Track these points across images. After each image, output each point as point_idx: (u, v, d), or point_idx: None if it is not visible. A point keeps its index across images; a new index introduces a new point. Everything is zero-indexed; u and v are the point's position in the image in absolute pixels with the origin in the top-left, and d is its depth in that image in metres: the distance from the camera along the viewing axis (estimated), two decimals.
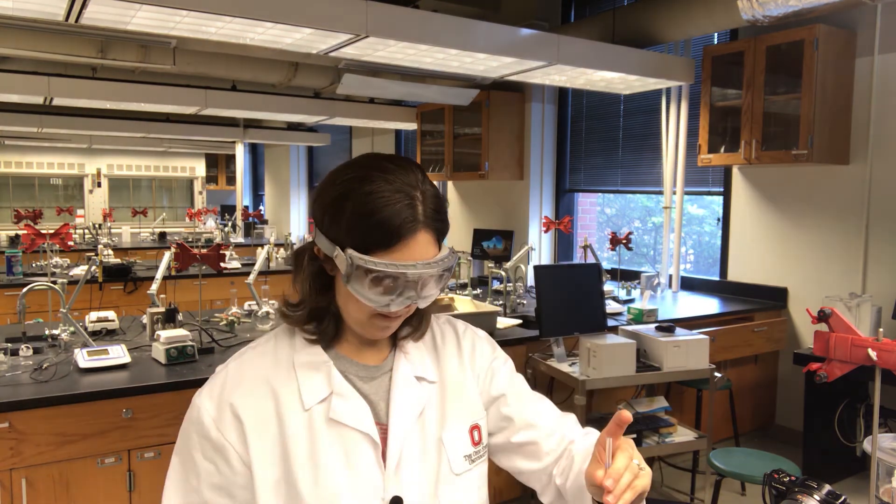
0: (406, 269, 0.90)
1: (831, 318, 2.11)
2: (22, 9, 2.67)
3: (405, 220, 0.90)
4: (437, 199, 0.96)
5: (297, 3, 2.71)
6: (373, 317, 0.96)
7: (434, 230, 0.94)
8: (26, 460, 2.16)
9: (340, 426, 0.96)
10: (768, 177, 4.24)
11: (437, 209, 0.95)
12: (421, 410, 1.02)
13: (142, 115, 7.24)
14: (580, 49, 3.59)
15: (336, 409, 0.96)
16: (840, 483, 3.54)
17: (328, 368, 0.98)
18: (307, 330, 1.00)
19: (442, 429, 1.03)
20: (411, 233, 0.91)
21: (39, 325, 3.29)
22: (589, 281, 3.01)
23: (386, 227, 0.90)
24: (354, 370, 1.01)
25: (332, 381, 0.98)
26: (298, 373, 0.98)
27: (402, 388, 1.02)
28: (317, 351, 1.00)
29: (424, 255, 0.92)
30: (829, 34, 3.60)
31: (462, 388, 1.09)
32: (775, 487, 1.62)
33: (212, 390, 0.97)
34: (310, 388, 0.97)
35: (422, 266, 0.91)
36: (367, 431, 0.96)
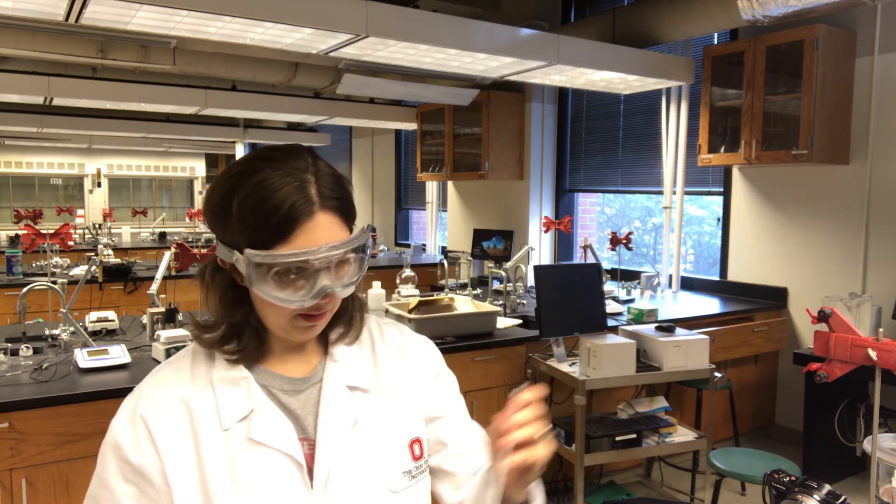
0: (308, 256, 0.82)
1: (831, 318, 2.11)
2: (22, 9, 2.67)
3: (297, 202, 0.83)
4: (335, 178, 0.88)
5: (297, 3, 2.71)
6: (294, 318, 0.88)
7: (335, 210, 0.86)
8: (26, 460, 2.16)
9: (261, 447, 0.87)
10: (768, 177, 4.24)
11: (334, 187, 0.87)
12: (353, 422, 0.93)
13: (142, 115, 7.24)
14: (580, 49, 3.59)
15: (256, 429, 0.88)
16: (840, 483, 3.54)
17: (248, 384, 0.90)
18: (227, 350, 0.91)
19: (378, 442, 0.94)
20: (307, 216, 0.83)
21: (39, 325, 3.29)
22: (589, 281, 3.02)
23: (278, 214, 0.82)
24: (278, 384, 0.93)
25: (252, 398, 0.89)
26: (217, 390, 0.90)
27: (331, 400, 0.93)
28: (233, 365, 0.92)
29: (329, 239, 0.84)
30: (829, 34, 3.60)
31: (402, 398, 0.99)
32: (775, 487, 1.62)
33: (125, 411, 0.90)
34: (228, 406, 0.88)
35: (326, 249, 0.83)
36: (289, 452, 0.88)
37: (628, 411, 3.03)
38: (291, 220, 0.83)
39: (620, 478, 3.59)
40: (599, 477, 3.52)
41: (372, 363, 0.99)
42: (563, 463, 3.34)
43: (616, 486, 3.47)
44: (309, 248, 0.83)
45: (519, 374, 3.17)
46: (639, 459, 3.63)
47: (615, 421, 2.98)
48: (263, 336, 0.93)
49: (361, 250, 0.89)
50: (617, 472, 3.61)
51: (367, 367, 0.98)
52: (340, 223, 0.87)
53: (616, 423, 2.95)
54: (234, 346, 0.91)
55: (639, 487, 3.54)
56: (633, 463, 3.64)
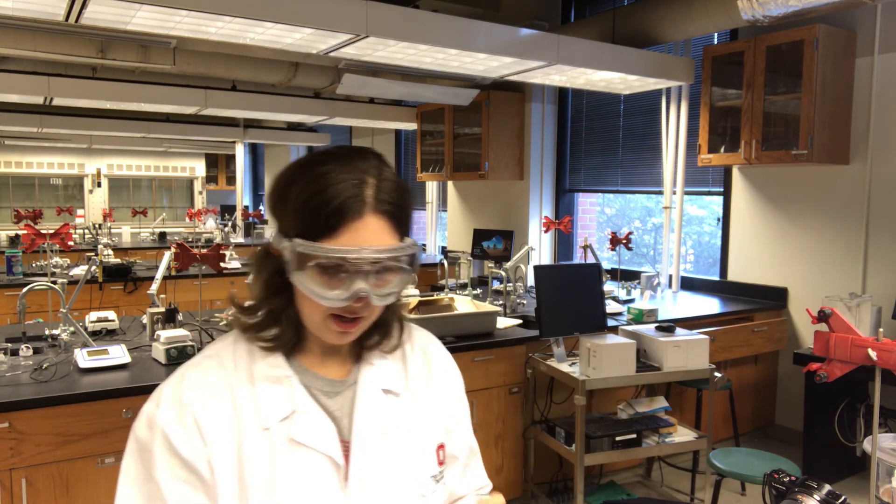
0: (347, 254, 0.82)
1: (831, 318, 2.11)
2: (22, 9, 2.67)
3: (349, 198, 0.83)
4: (396, 185, 0.87)
5: (297, 3, 2.71)
6: (328, 318, 0.87)
7: (388, 216, 0.85)
8: (26, 460, 2.16)
9: (302, 447, 0.87)
10: (768, 177, 4.24)
11: (392, 194, 0.86)
12: (387, 426, 0.94)
13: (142, 115, 7.24)
14: (580, 49, 3.59)
15: (298, 430, 0.87)
16: (840, 483, 3.55)
17: (291, 383, 0.90)
18: (263, 337, 0.90)
19: (409, 446, 0.95)
20: (356, 215, 0.83)
21: (39, 325, 3.29)
22: (589, 281, 3.02)
23: (329, 207, 0.82)
24: (319, 384, 0.92)
25: (295, 398, 0.89)
26: (258, 387, 0.88)
27: (366, 403, 0.93)
28: (278, 362, 0.91)
29: (374, 242, 0.83)
30: (829, 34, 3.60)
31: (429, 405, 1.00)
32: (775, 487, 1.62)
33: (169, 400, 0.87)
34: (270, 405, 0.88)
35: (368, 252, 0.82)
36: (330, 454, 0.88)
37: (628, 411, 3.03)
38: (340, 215, 0.82)
39: (620, 478, 3.59)
40: (599, 477, 3.52)
41: (402, 368, 1.00)
42: (563, 463, 3.34)
43: (616, 486, 3.47)
44: (352, 247, 0.82)
45: (519, 374, 3.17)
46: (639, 459, 3.63)
47: (615, 421, 2.98)
48: (302, 332, 0.93)
49: (407, 263, 0.87)
50: (617, 472, 3.61)
51: (399, 371, 1.00)
52: (391, 230, 0.86)
53: (616, 423, 2.95)
54: (271, 333, 0.90)
55: (639, 487, 3.54)
56: (633, 463, 3.64)
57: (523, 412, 3.21)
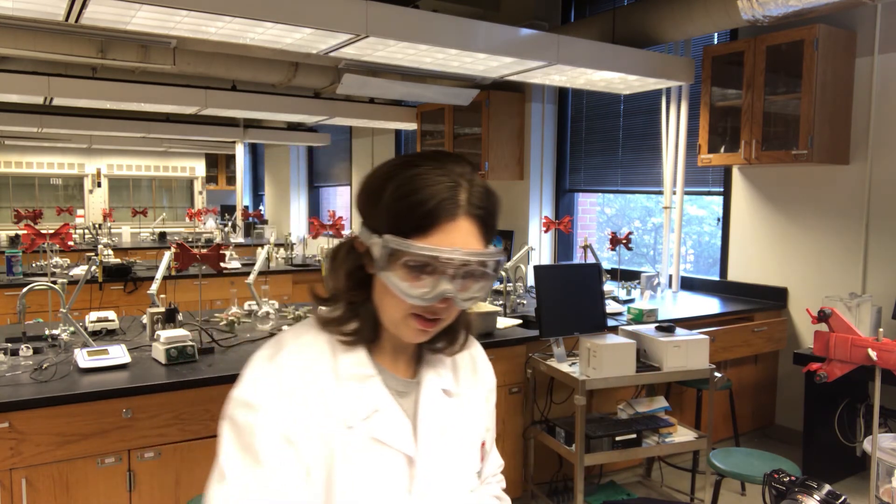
0: (440, 254, 0.83)
1: (831, 318, 2.11)
2: (22, 9, 2.67)
3: (444, 200, 0.84)
4: (488, 193, 0.89)
5: (297, 3, 2.71)
6: (408, 316, 0.89)
7: (479, 221, 0.87)
8: (26, 460, 2.16)
9: (381, 446, 0.90)
10: (768, 177, 4.24)
11: (483, 199, 0.88)
12: (446, 427, 0.98)
13: (142, 115, 7.24)
14: (580, 49, 3.59)
15: (380, 429, 0.90)
16: (840, 483, 3.54)
17: (374, 382, 0.92)
18: (343, 331, 0.92)
19: (462, 445, 1.00)
20: (450, 216, 0.85)
21: (39, 325, 3.29)
22: (589, 281, 3.02)
23: (424, 207, 0.84)
24: (394, 384, 0.95)
25: (378, 398, 0.92)
26: (344, 385, 0.90)
27: (430, 403, 0.97)
28: (362, 360, 0.92)
29: (465, 245, 0.85)
30: (829, 34, 3.60)
31: (475, 403, 1.06)
32: (775, 487, 1.62)
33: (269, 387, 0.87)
34: (355, 403, 0.90)
35: (460, 253, 0.84)
36: (408, 452, 0.92)
37: (628, 411, 3.03)
38: (435, 215, 0.84)
39: (620, 478, 3.59)
40: (599, 477, 3.52)
41: (453, 368, 1.04)
42: (563, 463, 3.34)
43: (616, 486, 3.47)
44: (444, 247, 0.84)
45: (519, 374, 3.17)
46: (639, 459, 3.62)
47: (615, 421, 2.98)
48: (378, 329, 0.94)
49: (493, 270, 0.89)
50: (617, 472, 3.61)
51: (451, 371, 1.03)
52: (479, 235, 0.88)
53: (616, 423, 2.95)
54: (351, 327, 0.92)
55: (639, 487, 3.54)
56: (633, 463, 3.64)
57: (523, 412, 3.21)
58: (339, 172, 9.33)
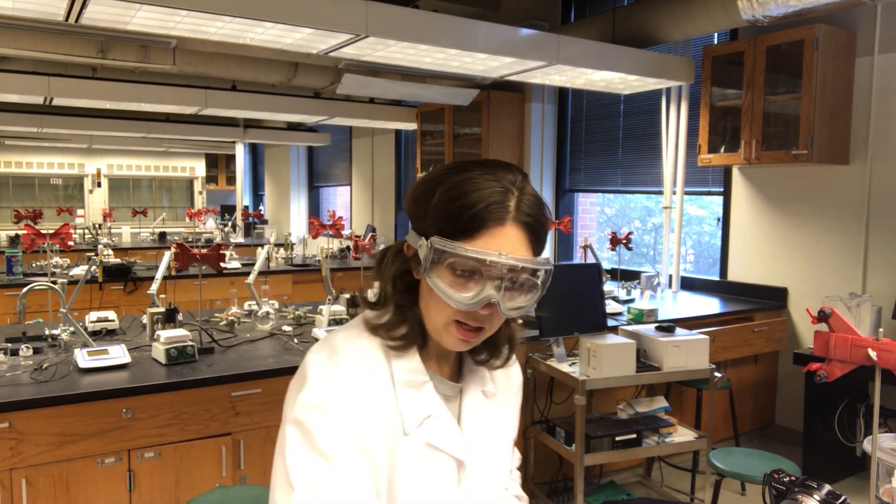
0: (487, 257, 0.82)
1: (831, 318, 2.11)
2: (22, 9, 2.67)
3: (493, 204, 0.84)
4: (537, 200, 0.89)
5: (297, 3, 2.71)
6: (451, 323, 0.88)
7: (527, 229, 0.86)
8: (26, 460, 2.16)
9: (435, 451, 0.92)
10: (768, 177, 4.24)
11: (533, 207, 0.87)
12: (486, 427, 1.00)
13: (142, 115, 7.24)
14: (580, 49, 3.59)
15: (434, 434, 0.92)
16: (840, 483, 3.54)
17: (428, 388, 0.93)
18: (392, 336, 0.91)
19: (499, 445, 1.03)
20: (498, 221, 0.84)
21: (39, 325, 3.28)
22: (589, 281, 3.02)
23: (472, 210, 0.84)
24: (443, 389, 0.96)
25: (431, 404, 0.93)
26: (399, 392, 0.90)
27: (473, 406, 0.99)
28: (416, 366, 0.92)
29: (512, 252, 0.84)
30: (829, 34, 3.60)
31: (509, 405, 1.08)
32: (775, 487, 1.62)
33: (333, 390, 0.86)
34: (410, 410, 0.90)
35: (507, 258, 0.83)
36: (459, 457, 0.94)
37: (628, 411, 3.03)
38: (483, 219, 0.84)
39: (620, 478, 3.59)
40: (599, 477, 3.52)
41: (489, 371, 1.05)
42: (563, 463, 3.34)
43: (616, 486, 3.47)
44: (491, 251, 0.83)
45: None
46: (639, 459, 3.62)
47: (615, 421, 2.98)
48: (426, 334, 0.94)
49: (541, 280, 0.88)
50: (617, 472, 3.61)
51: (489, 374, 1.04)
52: (527, 243, 0.87)
53: (616, 423, 2.95)
54: (400, 332, 0.91)
55: (639, 487, 3.54)
56: (633, 463, 3.64)
57: (523, 412, 3.20)
58: (339, 172, 9.33)
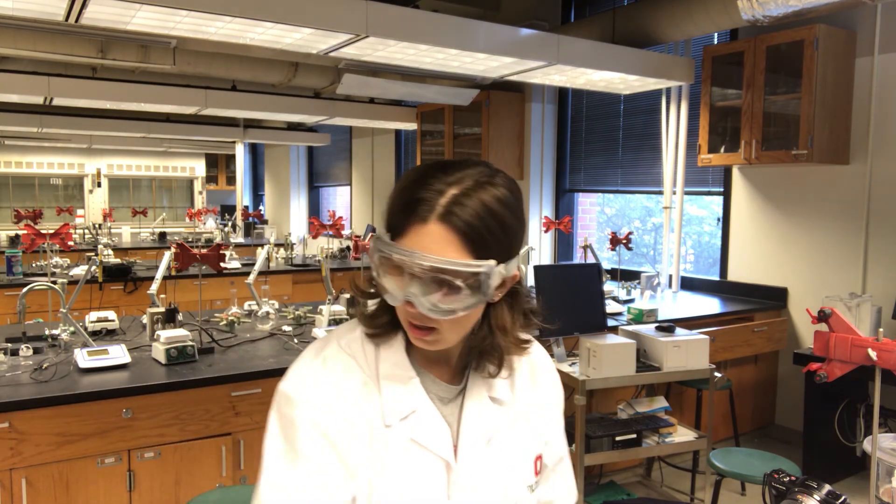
0: (393, 253, 0.82)
1: (831, 318, 2.11)
2: (22, 9, 2.67)
3: (419, 201, 0.82)
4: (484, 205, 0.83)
5: (297, 3, 2.71)
6: (405, 321, 0.89)
7: (456, 230, 0.82)
8: (26, 460, 2.16)
9: (419, 447, 0.90)
10: (768, 177, 4.24)
11: (470, 209, 0.82)
12: (492, 435, 0.96)
13: (142, 115, 7.24)
14: (580, 49, 3.59)
15: (417, 430, 0.90)
16: (840, 483, 3.54)
17: (414, 383, 0.92)
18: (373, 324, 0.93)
19: (511, 456, 0.97)
20: (420, 220, 0.82)
21: (39, 325, 3.28)
22: (589, 281, 3.01)
23: (399, 206, 0.85)
24: (436, 389, 0.94)
25: (416, 399, 0.91)
26: (384, 385, 0.90)
27: (474, 410, 0.95)
28: (402, 361, 0.92)
29: (432, 251, 0.81)
30: (829, 34, 3.60)
31: (532, 414, 1.02)
32: (775, 487, 1.62)
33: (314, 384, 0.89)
34: (393, 403, 0.90)
35: (418, 256, 0.81)
36: (445, 457, 0.91)
37: (628, 411, 3.03)
38: (406, 216, 0.84)
39: (620, 478, 3.59)
40: (599, 477, 3.52)
41: (510, 377, 1.00)
42: None
43: (616, 486, 3.47)
44: (409, 249, 0.82)
45: None
46: (639, 459, 3.62)
47: (615, 421, 2.98)
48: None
49: (468, 284, 0.83)
50: (617, 472, 3.61)
51: (507, 380, 1.00)
52: (458, 245, 0.82)
53: (616, 423, 2.95)
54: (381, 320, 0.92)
55: (639, 487, 3.54)
56: (633, 463, 3.64)
57: None
58: (339, 172, 9.33)
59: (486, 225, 0.83)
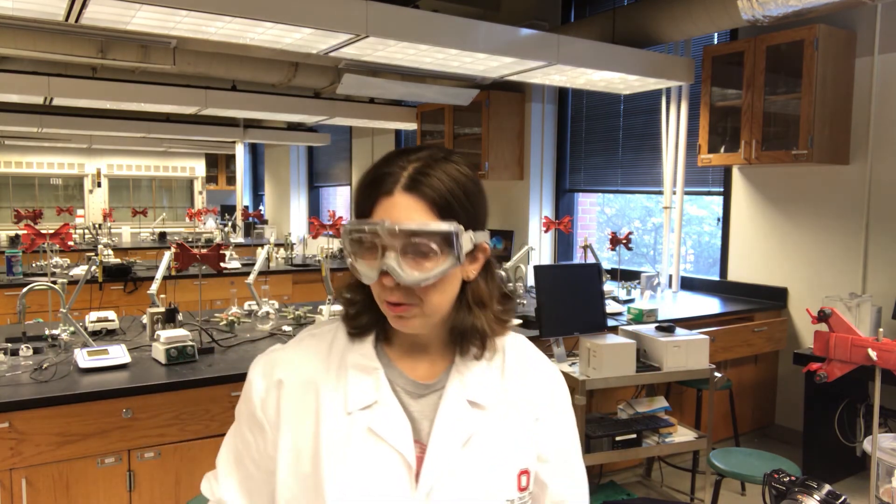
0: (367, 225, 0.84)
1: (831, 318, 2.11)
2: (22, 9, 2.67)
3: (384, 175, 0.86)
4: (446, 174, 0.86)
5: (297, 3, 2.71)
6: (383, 302, 0.89)
7: (423, 197, 0.84)
8: (26, 460, 2.16)
9: (377, 439, 0.88)
10: (768, 177, 4.24)
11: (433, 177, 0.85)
12: (467, 438, 0.91)
13: (142, 115, 7.24)
14: (580, 49, 3.59)
15: (376, 420, 0.89)
16: (840, 483, 3.54)
17: (378, 375, 0.91)
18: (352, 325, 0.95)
19: (489, 463, 0.92)
20: (386, 193, 0.85)
21: (39, 325, 3.28)
22: (589, 281, 3.01)
23: (365, 185, 0.87)
24: (403, 383, 0.93)
25: (379, 390, 0.91)
26: (349, 374, 0.92)
27: (449, 411, 0.91)
28: (369, 353, 0.93)
29: (405, 221, 0.84)
30: (829, 34, 3.60)
31: (520, 424, 0.96)
32: (775, 487, 1.62)
33: (265, 369, 0.95)
34: (356, 391, 0.90)
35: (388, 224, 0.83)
36: (402, 451, 0.88)
37: (628, 411, 3.03)
38: (372, 193, 0.86)
39: (620, 478, 3.59)
40: (599, 477, 3.52)
41: (498, 381, 0.96)
42: None
43: (616, 486, 3.47)
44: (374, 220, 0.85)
45: None
46: (639, 459, 3.62)
47: (615, 421, 2.98)
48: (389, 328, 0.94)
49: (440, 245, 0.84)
50: (617, 472, 3.61)
51: (492, 384, 0.95)
52: (425, 210, 0.85)
53: (616, 423, 2.95)
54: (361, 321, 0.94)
55: (639, 487, 3.54)
56: (633, 463, 3.64)
57: None
58: (339, 172, 9.33)
59: (451, 190, 0.86)
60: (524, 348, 1.03)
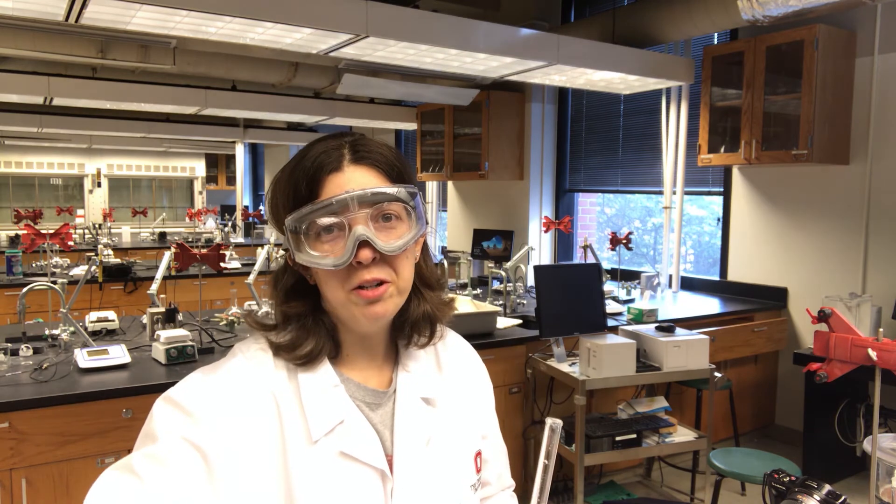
0: (332, 199, 0.79)
1: (831, 318, 2.11)
2: (22, 9, 2.67)
3: (324, 154, 0.83)
4: (381, 144, 0.86)
5: (297, 3, 2.71)
6: (350, 293, 0.82)
7: (371, 164, 0.83)
8: (26, 460, 2.16)
9: (351, 461, 0.83)
10: (768, 177, 4.24)
11: (373, 149, 0.84)
12: (428, 438, 0.90)
13: (142, 115, 7.24)
14: (580, 49, 3.59)
15: (347, 442, 0.83)
16: (840, 483, 3.54)
17: (339, 393, 0.85)
18: (297, 355, 0.84)
19: (450, 457, 0.92)
20: (335, 168, 0.82)
21: (39, 325, 3.28)
22: (589, 281, 3.02)
23: (307, 171, 0.82)
24: (361, 395, 0.88)
25: (343, 409, 0.84)
26: (305, 397, 0.83)
27: (406, 414, 0.89)
28: (324, 371, 0.86)
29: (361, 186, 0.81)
30: (829, 34, 3.60)
31: (466, 411, 0.97)
32: (775, 487, 1.62)
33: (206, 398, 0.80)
34: (318, 416, 0.82)
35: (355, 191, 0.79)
36: (379, 466, 0.84)
37: (628, 411, 3.03)
38: (319, 172, 0.81)
39: (620, 478, 3.59)
40: (599, 477, 3.52)
41: (438, 374, 0.96)
42: (564, 463, 3.34)
43: (616, 486, 3.47)
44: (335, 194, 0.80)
45: (519, 374, 3.17)
46: (639, 459, 3.63)
47: (615, 421, 2.98)
48: (338, 338, 0.89)
49: (405, 203, 0.83)
50: (617, 472, 3.61)
51: (435, 378, 0.95)
52: (379, 176, 0.84)
53: (616, 423, 2.95)
54: (305, 349, 0.85)
55: (639, 487, 3.54)
56: (633, 463, 3.64)
57: (523, 412, 3.21)
58: None
59: (395, 155, 0.86)
60: (451, 338, 1.03)
